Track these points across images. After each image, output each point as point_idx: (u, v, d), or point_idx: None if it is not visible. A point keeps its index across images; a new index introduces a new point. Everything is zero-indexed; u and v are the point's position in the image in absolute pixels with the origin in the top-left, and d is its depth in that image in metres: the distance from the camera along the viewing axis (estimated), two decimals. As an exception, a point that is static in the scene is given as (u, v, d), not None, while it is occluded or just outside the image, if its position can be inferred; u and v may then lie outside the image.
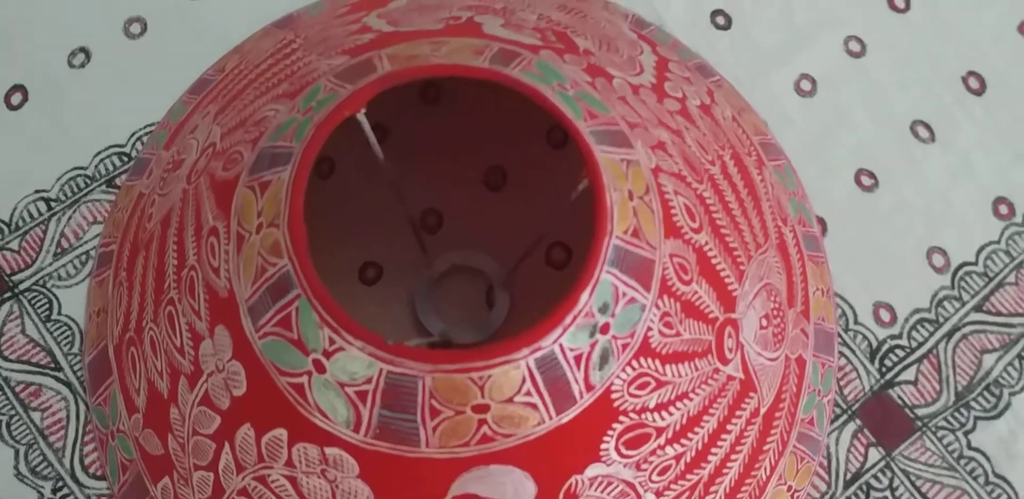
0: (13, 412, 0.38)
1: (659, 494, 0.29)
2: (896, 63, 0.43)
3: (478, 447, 0.26)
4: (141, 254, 0.35)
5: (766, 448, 0.34)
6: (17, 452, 0.37)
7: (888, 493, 0.38)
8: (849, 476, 0.38)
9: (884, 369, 0.39)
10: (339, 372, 0.26)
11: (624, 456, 0.28)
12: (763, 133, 0.40)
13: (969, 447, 0.38)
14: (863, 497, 0.38)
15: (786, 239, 0.36)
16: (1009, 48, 0.44)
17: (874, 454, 0.38)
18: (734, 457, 0.32)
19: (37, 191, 0.40)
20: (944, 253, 0.41)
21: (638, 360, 0.28)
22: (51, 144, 0.41)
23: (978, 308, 0.40)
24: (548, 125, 0.39)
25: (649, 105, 0.33)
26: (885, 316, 0.40)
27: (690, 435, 0.30)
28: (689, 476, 0.30)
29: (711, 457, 0.31)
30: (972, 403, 0.39)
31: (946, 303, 0.40)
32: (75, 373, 0.38)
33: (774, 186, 0.38)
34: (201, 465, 0.30)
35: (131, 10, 0.43)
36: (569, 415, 0.27)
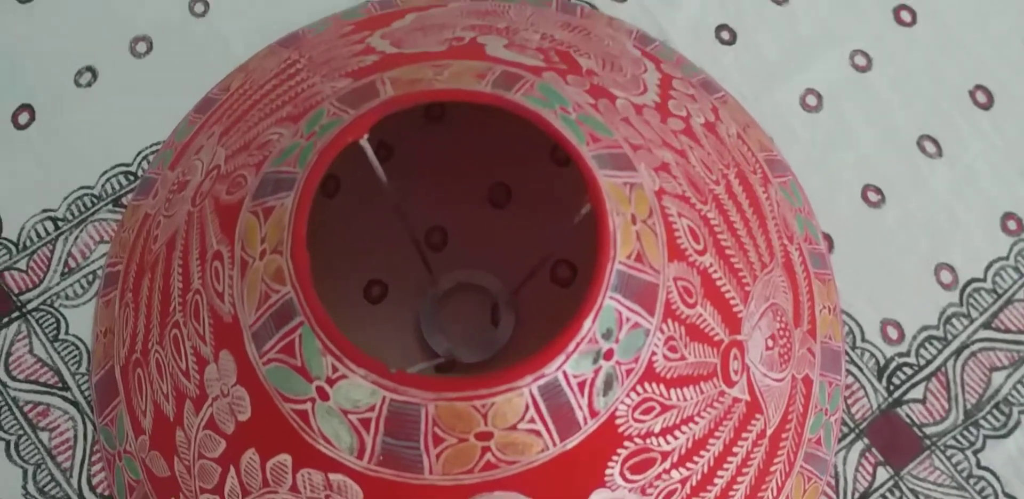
0: (21, 432, 0.38)
1: (665, 518, 0.29)
2: (902, 77, 0.43)
3: (482, 474, 0.26)
4: (147, 276, 0.35)
5: (773, 469, 0.33)
6: (25, 472, 0.38)
7: (897, 512, 0.38)
8: (857, 496, 0.38)
9: (892, 387, 0.39)
10: (342, 399, 0.26)
11: (629, 481, 0.28)
12: (768, 149, 0.40)
13: (979, 466, 0.38)
14: (871, 516, 0.37)
15: (792, 257, 0.36)
16: (1016, 62, 0.43)
17: (882, 473, 0.38)
18: (740, 479, 0.32)
19: (44, 210, 0.41)
20: (952, 269, 0.40)
21: (642, 385, 0.27)
22: (58, 163, 0.41)
23: (987, 325, 0.40)
24: (552, 143, 0.39)
25: (653, 125, 0.33)
26: (893, 333, 0.39)
27: (696, 458, 0.30)
28: (695, 499, 0.30)
29: (717, 480, 0.31)
30: (981, 421, 0.39)
31: (954, 320, 0.40)
32: (83, 393, 0.39)
33: (780, 204, 0.38)
34: (207, 488, 0.30)
35: (137, 29, 0.43)
36: (573, 441, 0.27)
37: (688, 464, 0.30)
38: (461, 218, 0.40)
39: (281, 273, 0.26)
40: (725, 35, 0.43)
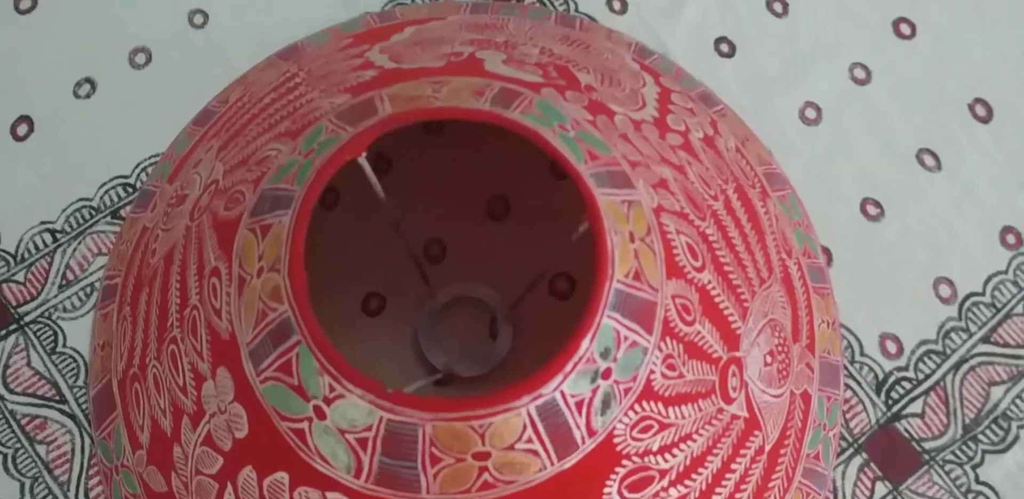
0: (19, 445, 0.38)
1: (663, 536, 0.29)
2: (902, 90, 0.43)
3: (479, 494, 0.26)
4: (144, 290, 0.35)
5: (771, 485, 0.33)
6: (23, 485, 0.38)
7: (895, 527, 0.37)
8: (856, 511, 0.38)
9: (891, 402, 0.39)
10: (339, 419, 0.26)
11: (627, 499, 0.28)
12: (767, 163, 0.40)
13: (977, 481, 0.38)
14: (870, 531, 0.37)
15: (791, 272, 0.36)
16: (1016, 75, 0.43)
17: (881, 488, 0.38)
18: (739, 496, 0.32)
19: (43, 222, 0.41)
20: (951, 283, 0.40)
21: (641, 404, 0.27)
22: (56, 175, 0.41)
23: (986, 339, 0.40)
24: (550, 156, 0.39)
25: (651, 141, 0.33)
26: (891, 348, 0.39)
27: (694, 476, 0.30)
28: (693, 517, 0.30)
29: (715, 497, 0.31)
30: (980, 436, 0.38)
31: (953, 334, 0.40)
32: (80, 406, 0.38)
33: (778, 218, 0.38)
34: (204, 505, 0.30)
35: (136, 40, 0.43)
36: (571, 460, 0.26)
37: (686, 481, 0.30)
38: (460, 231, 0.40)
39: (279, 292, 0.26)
40: (724, 47, 0.43)
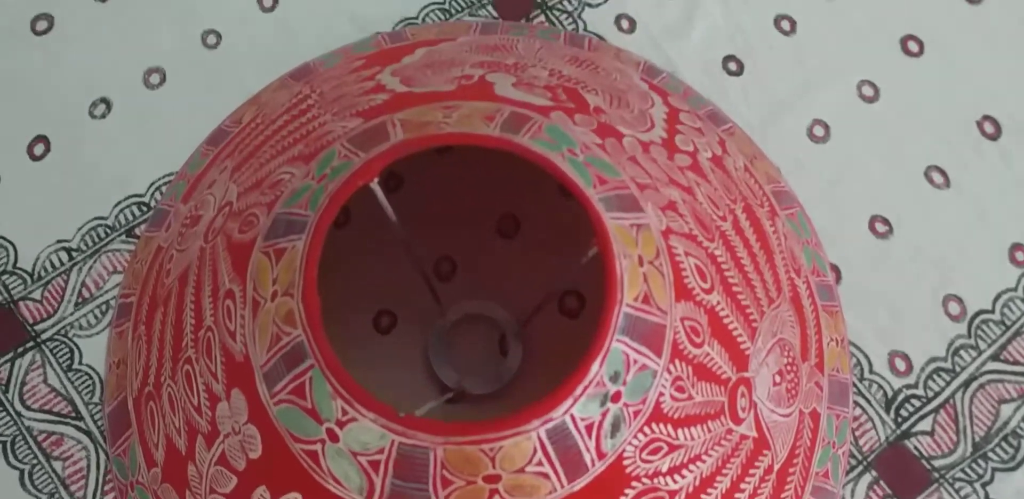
0: (35, 461, 0.38)
1: (672, 557, 0.29)
2: (910, 108, 0.43)
3: (490, 516, 0.26)
4: (160, 309, 0.35)
5: (780, 504, 0.34)
6: (39, 501, 0.38)
7: (905, 545, 0.38)
8: (865, 529, 0.38)
9: (900, 419, 0.39)
10: (352, 442, 0.26)
11: (636, 521, 0.28)
12: (776, 181, 0.40)
13: (987, 499, 0.38)
14: (880, 549, 0.37)
15: (799, 291, 0.36)
16: (1024, 92, 0.44)
17: (890, 506, 0.38)
18: (748, 515, 0.32)
19: (59, 241, 0.41)
20: (960, 301, 0.40)
21: (650, 426, 0.28)
22: (72, 194, 0.42)
23: (995, 357, 0.40)
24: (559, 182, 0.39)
25: (660, 163, 0.33)
26: (901, 365, 0.39)
27: (703, 496, 0.30)
28: (702, 537, 0.30)
29: (724, 516, 0.31)
30: (990, 454, 0.38)
31: (963, 352, 0.40)
32: (96, 423, 0.39)
33: (787, 236, 0.38)
34: (218, 523, 0.31)
35: (150, 60, 0.44)
36: (581, 483, 0.27)
37: (695, 502, 0.30)
38: (470, 249, 0.41)
39: (292, 316, 0.26)
40: (732, 66, 0.44)
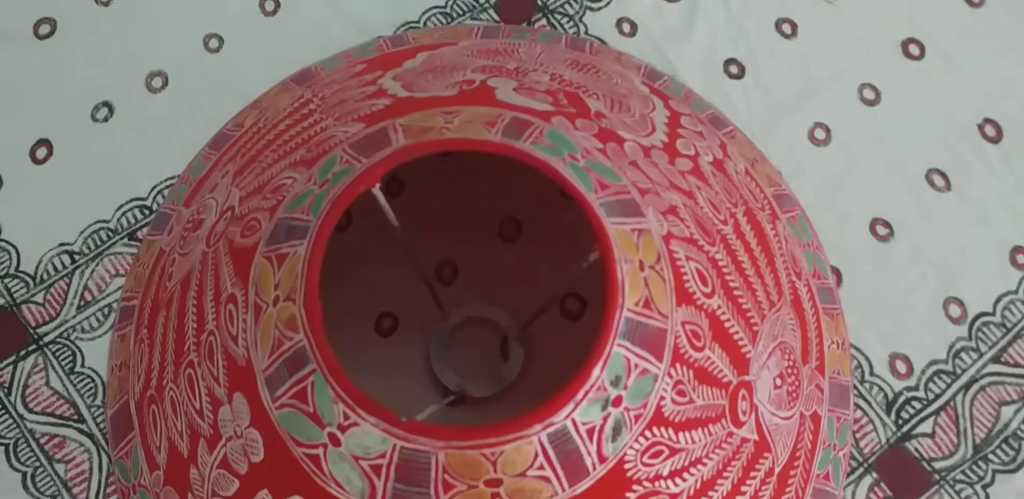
0: (38, 464, 0.39)
1: (673, 560, 0.29)
2: (911, 111, 0.43)
3: (491, 520, 0.26)
4: (162, 313, 0.35)
5: (781, 507, 0.34)
6: (41, 504, 0.38)
7: (906, 547, 0.38)
8: (866, 531, 0.38)
9: (901, 421, 0.39)
10: (354, 446, 0.26)
11: (638, 524, 0.28)
12: (777, 184, 0.40)
13: (988, 501, 0.38)
14: (881, 552, 0.38)
15: (800, 294, 0.36)
16: (1025, 95, 0.44)
17: (891, 508, 0.38)
18: (748, 518, 0.32)
19: (61, 244, 0.41)
20: (961, 303, 0.40)
21: (651, 430, 0.28)
22: (75, 197, 0.42)
23: (996, 359, 0.40)
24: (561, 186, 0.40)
25: (661, 167, 0.33)
26: (901, 367, 0.40)
27: (704, 499, 0.30)
28: (703, 540, 0.30)
29: (725, 520, 0.31)
30: (990, 456, 0.39)
31: (963, 354, 0.40)
32: (98, 425, 0.39)
33: (788, 239, 0.38)
34: (220, 527, 0.31)
35: (152, 64, 0.44)
36: (582, 486, 0.27)
37: (697, 505, 0.30)
38: (471, 252, 0.41)
39: (294, 321, 0.27)
40: (734, 69, 0.44)
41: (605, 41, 0.44)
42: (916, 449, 0.39)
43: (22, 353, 0.40)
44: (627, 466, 0.27)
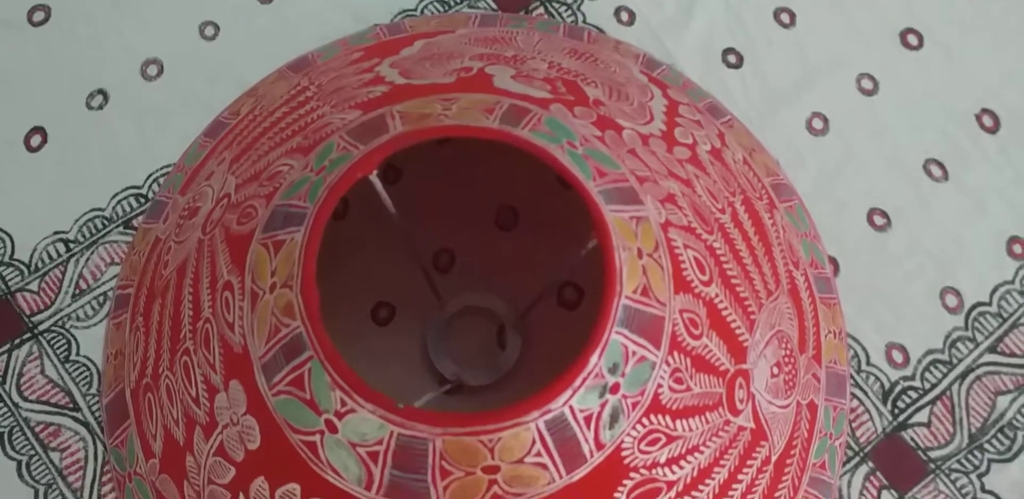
0: (33, 452, 0.39)
1: (670, 547, 0.30)
2: (909, 101, 0.43)
3: (489, 506, 0.26)
4: (157, 301, 0.35)
5: (778, 495, 0.34)
6: (36, 492, 0.38)
7: (901, 536, 0.38)
8: (861, 520, 0.38)
9: (897, 411, 0.39)
10: (351, 433, 0.26)
11: (635, 511, 0.28)
12: (775, 173, 0.40)
13: (983, 490, 0.38)
14: (876, 540, 0.38)
15: (797, 283, 0.36)
16: (1023, 85, 0.43)
17: (887, 497, 0.38)
18: (745, 506, 0.32)
19: (56, 232, 0.41)
20: (958, 293, 0.40)
21: (648, 417, 0.28)
22: (70, 185, 0.42)
23: (992, 349, 0.40)
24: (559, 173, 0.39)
25: (659, 156, 0.33)
26: (898, 357, 0.40)
27: (701, 487, 0.30)
28: (699, 528, 0.30)
29: (722, 507, 0.31)
30: (986, 445, 0.39)
31: (960, 344, 0.40)
32: (93, 414, 0.39)
33: (785, 229, 0.38)
34: (217, 514, 0.31)
35: (147, 52, 0.44)
36: (579, 473, 0.27)
37: (694, 492, 0.30)
38: (468, 241, 0.41)
39: (291, 308, 0.26)
40: (732, 58, 0.44)
41: (603, 30, 0.44)
42: (912, 438, 0.39)
43: (17, 342, 0.40)
44: (624, 453, 0.28)
